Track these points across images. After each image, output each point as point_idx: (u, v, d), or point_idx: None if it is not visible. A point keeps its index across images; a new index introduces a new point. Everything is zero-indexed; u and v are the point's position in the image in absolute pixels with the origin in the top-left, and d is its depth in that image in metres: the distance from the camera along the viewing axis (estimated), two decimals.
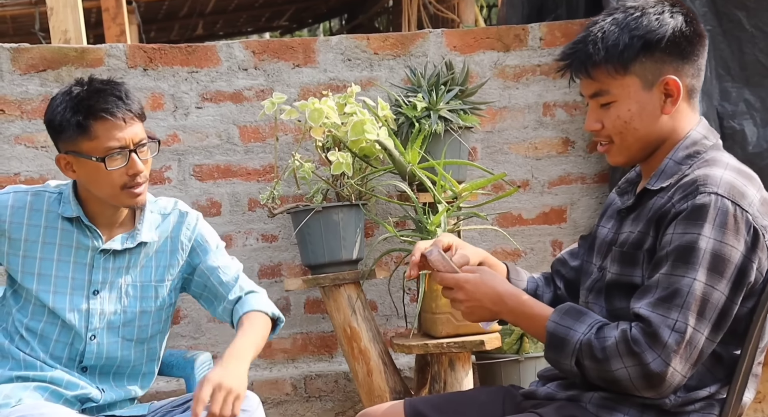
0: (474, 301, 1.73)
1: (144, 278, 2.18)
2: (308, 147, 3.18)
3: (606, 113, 1.69)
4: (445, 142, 2.93)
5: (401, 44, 3.33)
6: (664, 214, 1.61)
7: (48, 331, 2.10)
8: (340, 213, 2.87)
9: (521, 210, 3.45)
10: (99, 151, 2.01)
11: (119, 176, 2.03)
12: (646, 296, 1.58)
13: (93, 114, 2.00)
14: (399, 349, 2.80)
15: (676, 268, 1.55)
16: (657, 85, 1.66)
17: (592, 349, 1.59)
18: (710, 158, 1.66)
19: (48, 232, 2.10)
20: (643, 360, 1.54)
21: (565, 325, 1.64)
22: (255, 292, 2.24)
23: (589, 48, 1.66)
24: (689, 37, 1.66)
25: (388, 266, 3.28)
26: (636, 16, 1.66)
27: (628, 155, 1.72)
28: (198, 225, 2.25)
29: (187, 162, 3.21)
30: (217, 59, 3.22)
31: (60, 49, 3.14)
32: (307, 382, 3.31)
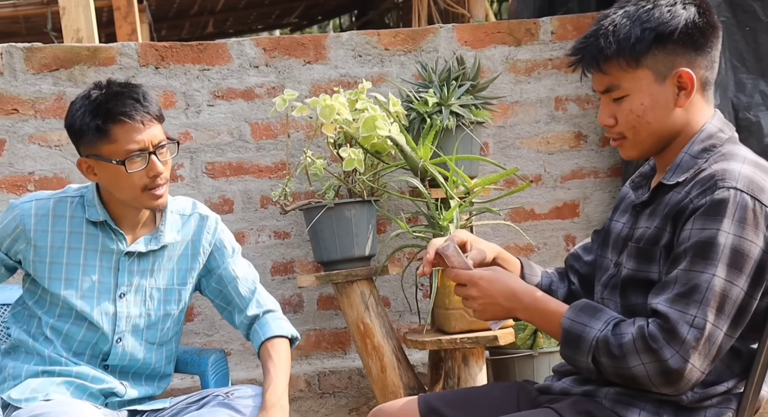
0: (487, 298, 1.72)
1: (167, 282, 2.20)
2: (320, 144, 3.18)
3: (619, 108, 1.67)
4: (457, 137, 2.92)
5: (412, 40, 3.33)
6: (681, 209, 1.60)
7: (73, 332, 2.12)
8: (352, 209, 2.87)
9: (534, 205, 3.44)
10: (119, 154, 2.02)
11: (140, 178, 2.04)
12: (664, 292, 1.56)
13: (112, 118, 2.01)
14: (412, 345, 2.80)
15: (695, 264, 1.54)
16: (670, 77, 1.64)
17: (608, 346, 1.57)
18: (727, 152, 1.64)
19: (73, 238, 2.11)
20: (661, 356, 1.52)
21: (580, 322, 1.62)
22: (272, 312, 2.28)
23: (600, 42, 1.64)
24: (702, 28, 1.64)
25: (400, 262, 3.28)
26: (647, 8, 1.64)
27: (641, 149, 1.71)
28: (218, 228, 2.28)
29: (199, 160, 3.22)
30: (228, 57, 3.22)
31: (72, 49, 3.15)
32: (321, 378, 3.32)
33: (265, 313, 2.26)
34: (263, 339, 2.21)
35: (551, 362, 2.98)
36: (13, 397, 2.04)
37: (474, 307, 1.75)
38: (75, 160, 3.11)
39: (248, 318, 2.26)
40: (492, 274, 1.73)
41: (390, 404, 1.94)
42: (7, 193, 3.09)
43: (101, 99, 2.03)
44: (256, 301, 2.27)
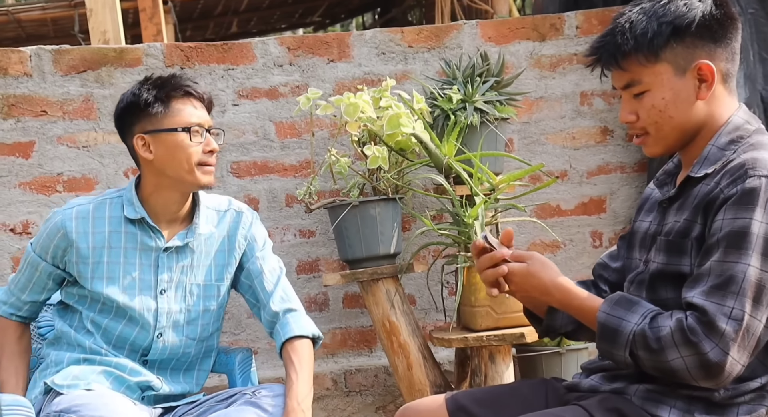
0: (523, 292, 1.74)
1: (206, 278, 2.24)
2: (344, 142, 3.19)
3: (640, 104, 1.67)
4: (482, 133, 2.91)
5: (435, 37, 3.32)
6: (712, 200, 1.58)
7: (112, 327, 2.17)
8: (377, 207, 2.87)
9: (560, 201, 3.42)
10: (183, 124, 2.13)
11: (196, 152, 2.13)
12: (699, 284, 1.54)
13: (178, 89, 2.14)
14: (438, 342, 2.80)
15: (729, 255, 1.52)
16: (690, 70, 1.63)
17: (646, 339, 1.56)
18: (755, 142, 1.62)
19: (113, 237, 2.17)
20: (701, 349, 1.50)
21: (616, 315, 1.61)
22: (294, 310, 2.28)
23: (618, 39, 1.64)
24: (720, 19, 1.63)
25: (425, 260, 3.28)
26: (663, 3, 1.63)
27: (665, 145, 1.69)
28: (253, 223, 2.32)
29: (225, 159, 3.24)
30: (252, 56, 3.24)
31: (99, 50, 3.18)
32: (347, 376, 3.32)
33: (286, 312, 2.26)
34: (284, 339, 2.21)
35: (579, 359, 2.97)
36: (57, 383, 2.10)
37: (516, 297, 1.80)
38: (103, 161, 3.15)
39: (271, 314, 2.26)
40: (524, 269, 1.71)
41: (417, 402, 1.94)
42: (36, 194, 3.13)
43: (162, 79, 2.16)
44: (279, 298, 2.27)
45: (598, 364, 1.79)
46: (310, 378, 2.16)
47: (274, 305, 2.26)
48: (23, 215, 3.12)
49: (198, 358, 2.28)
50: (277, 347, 2.24)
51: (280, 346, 2.22)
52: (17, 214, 3.12)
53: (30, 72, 3.11)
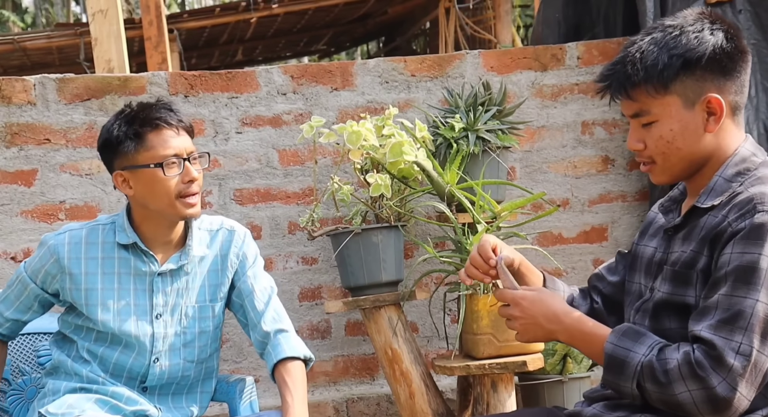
0: (529, 319, 1.71)
1: (200, 299, 2.23)
2: (347, 169, 3.20)
3: (648, 133, 1.67)
4: (484, 162, 2.92)
5: (438, 66, 3.35)
6: (719, 233, 1.58)
7: (108, 355, 2.16)
8: (380, 235, 2.87)
9: (561, 229, 3.43)
10: (156, 159, 2.08)
11: (175, 185, 2.09)
12: (706, 318, 1.54)
13: (148, 123, 2.09)
14: (441, 370, 2.78)
15: (737, 289, 1.51)
16: (699, 103, 1.63)
17: (653, 372, 1.55)
18: (762, 175, 1.62)
19: (106, 263, 2.15)
20: (709, 384, 1.49)
21: (624, 346, 1.60)
22: (285, 331, 2.25)
23: (628, 68, 1.64)
24: (731, 53, 1.63)
25: (428, 287, 3.28)
26: (675, 34, 1.63)
27: (671, 174, 1.70)
28: (245, 242, 2.30)
29: (228, 186, 3.25)
30: (256, 84, 3.26)
31: (104, 78, 3.21)
32: (349, 405, 3.31)
33: (278, 333, 2.24)
34: (276, 361, 2.19)
35: (581, 388, 2.95)
36: (51, 411, 2.09)
37: (515, 328, 1.74)
38: (106, 189, 3.16)
39: (262, 334, 2.24)
40: (536, 295, 1.72)
41: None
42: (38, 222, 3.14)
43: (135, 110, 2.12)
44: (270, 318, 2.25)
45: (600, 393, 1.78)
46: (305, 400, 2.14)
47: (265, 325, 2.24)
48: (25, 243, 3.13)
49: (198, 381, 2.26)
50: (268, 368, 2.22)
51: (272, 366, 2.20)
52: (19, 242, 3.13)
53: (34, 100, 3.14)
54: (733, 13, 3.16)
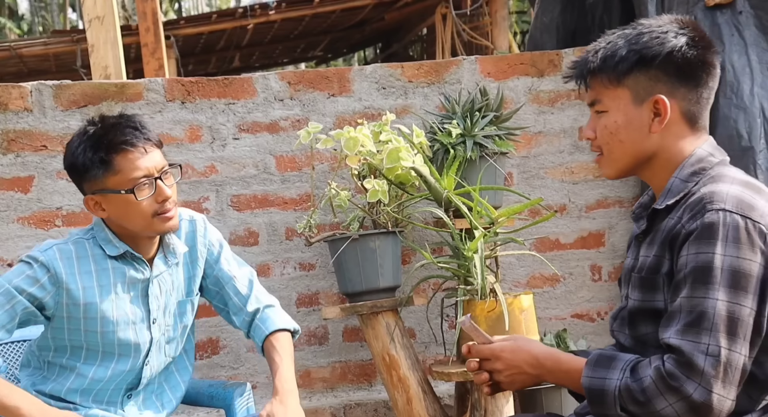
0: (514, 369, 1.71)
1: (179, 295, 2.22)
2: (344, 175, 3.20)
3: (598, 122, 1.71)
4: (481, 167, 2.92)
5: (435, 72, 3.35)
6: (675, 235, 1.59)
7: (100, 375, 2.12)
8: (377, 240, 2.87)
9: (559, 234, 3.43)
10: (125, 184, 2.02)
11: (149, 205, 2.05)
12: (672, 324, 1.54)
13: (113, 148, 2.02)
14: (438, 376, 2.78)
15: (696, 290, 1.52)
16: (647, 102, 1.65)
17: (631, 393, 1.55)
18: (716, 174, 1.63)
19: (101, 275, 2.11)
20: (685, 393, 1.49)
21: (598, 376, 1.60)
22: (272, 306, 2.28)
23: (590, 57, 1.69)
24: (691, 60, 1.64)
25: (425, 293, 3.27)
26: (641, 31, 1.67)
27: (616, 168, 1.72)
28: (207, 229, 2.29)
29: (225, 192, 3.25)
30: (253, 90, 3.26)
31: (100, 85, 3.21)
32: (347, 411, 3.30)
33: (265, 308, 2.27)
34: (267, 333, 2.21)
35: None
36: None
37: (501, 380, 1.72)
38: None
39: (249, 314, 2.26)
40: (514, 344, 1.72)
41: None
42: (35, 228, 3.13)
43: (100, 132, 2.04)
44: (255, 297, 2.27)
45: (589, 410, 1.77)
46: (293, 365, 2.17)
47: (251, 306, 2.26)
48: (21, 250, 3.12)
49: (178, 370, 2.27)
50: (258, 343, 2.23)
51: (263, 339, 2.22)
52: (15, 248, 3.12)
53: (30, 107, 3.13)
54: (733, 14, 3.16)
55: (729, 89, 3.11)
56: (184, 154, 3.22)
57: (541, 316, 3.32)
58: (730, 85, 3.11)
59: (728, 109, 3.09)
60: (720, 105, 3.11)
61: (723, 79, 3.13)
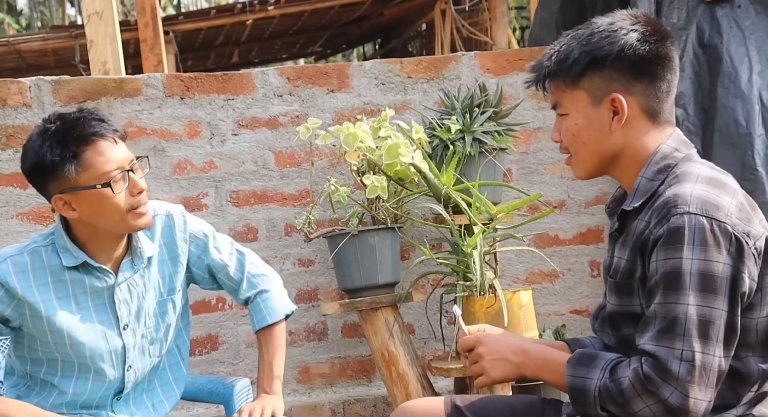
0: (496, 354, 1.71)
1: (158, 295, 2.15)
2: (343, 171, 3.20)
3: (561, 125, 1.72)
4: (480, 163, 2.92)
5: (434, 68, 3.35)
6: (645, 241, 1.59)
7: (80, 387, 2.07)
8: (376, 236, 2.87)
9: (558, 230, 3.43)
10: (99, 178, 1.94)
11: (124, 199, 1.97)
12: (648, 329, 1.55)
13: (84, 141, 1.93)
14: (437, 372, 2.78)
15: (668, 296, 1.53)
16: (605, 101, 1.65)
17: (610, 394, 1.56)
18: (680, 172, 1.63)
19: (58, 287, 2.02)
20: (661, 396, 1.51)
21: (579, 376, 1.62)
22: (264, 293, 2.25)
23: (545, 61, 1.69)
24: (644, 56, 1.64)
25: (424, 289, 3.28)
26: (592, 31, 1.66)
27: (585, 168, 1.73)
28: (186, 221, 2.19)
29: (224, 188, 3.25)
30: (252, 86, 3.26)
31: (99, 81, 3.20)
32: (346, 406, 3.30)
33: (256, 296, 2.24)
34: (257, 329, 2.22)
35: None
36: None
37: (482, 367, 1.72)
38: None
39: (242, 299, 2.26)
40: (500, 332, 1.75)
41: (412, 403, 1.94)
42: (34, 224, 3.13)
43: (64, 128, 1.94)
44: (247, 284, 2.25)
45: None
46: (281, 362, 2.18)
47: (243, 293, 2.25)
48: None
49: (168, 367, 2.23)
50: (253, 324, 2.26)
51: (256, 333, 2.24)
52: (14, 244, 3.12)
53: (29, 102, 3.13)
54: (732, 8, 3.18)
55: (727, 79, 3.13)
56: (183, 149, 3.21)
57: (540, 312, 3.32)
58: (728, 75, 3.13)
59: (726, 98, 3.11)
60: (718, 95, 3.13)
61: (721, 69, 3.14)
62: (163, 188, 3.21)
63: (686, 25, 3.22)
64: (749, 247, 1.54)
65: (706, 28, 3.22)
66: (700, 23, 3.22)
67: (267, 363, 2.18)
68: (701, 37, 3.22)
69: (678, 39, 3.23)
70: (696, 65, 3.21)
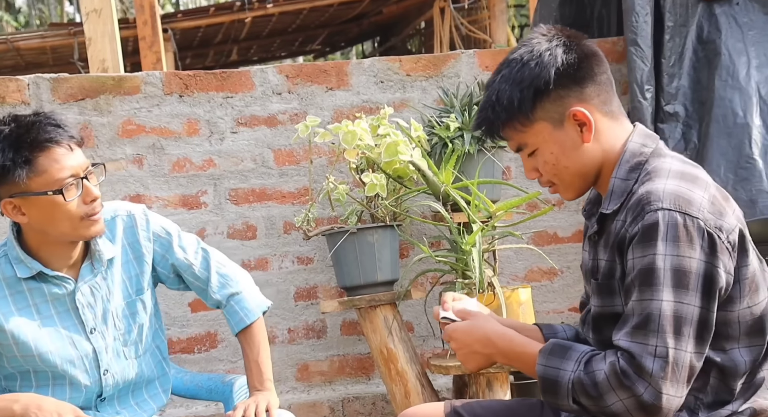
0: (466, 348, 1.72)
1: (125, 295, 2.11)
2: (342, 169, 3.20)
3: (536, 161, 1.71)
4: (479, 161, 2.93)
5: (433, 65, 3.35)
6: (621, 240, 1.60)
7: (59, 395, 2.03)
8: (375, 234, 2.87)
9: (557, 228, 3.43)
10: (52, 184, 1.90)
11: (77, 207, 1.93)
12: (624, 326, 1.56)
13: (38, 146, 1.89)
14: (436, 370, 2.79)
15: (644, 293, 1.53)
16: (567, 120, 1.65)
17: (584, 387, 1.56)
18: (652, 169, 1.63)
19: (17, 298, 1.99)
20: (635, 392, 1.51)
21: (552, 366, 1.61)
22: (235, 295, 2.21)
23: (489, 113, 1.68)
24: (575, 64, 1.65)
25: (423, 287, 3.28)
26: (518, 68, 1.65)
27: (574, 190, 1.73)
28: (149, 221, 2.16)
29: (223, 186, 3.25)
30: (251, 84, 3.26)
31: (98, 78, 3.20)
32: (345, 404, 3.31)
33: (229, 299, 2.20)
34: (236, 331, 2.20)
35: None
36: None
37: (459, 359, 1.75)
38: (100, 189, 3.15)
39: (213, 302, 2.21)
40: (468, 324, 1.73)
41: (415, 409, 1.95)
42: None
43: (19, 132, 1.90)
44: (216, 284, 2.20)
45: None
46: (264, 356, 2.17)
47: (214, 294, 2.20)
48: None
49: (152, 367, 2.19)
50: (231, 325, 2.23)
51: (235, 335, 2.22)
52: None
53: (28, 100, 3.13)
54: (730, 5, 3.20)
55: (725, 72, 3.15)
56: (182, 147, 3.21)
57: (538, 310, 3.32)
58: (726, 68, 3.15)
59: (724, 90, 3.13)
60: (716, 87, 3.15)
61: (719, 63, 3.16)
62: (162, 186, 3.21)
63: (685, 22, 3.24)
64: (722, 241, 1.54)
65: (705, 25, 3.23)
66: (699, 21, 3.23)
67: (253, 362, 2.16)
68: (700, 34, 3.23)
69: (679, 36, 3.24)
70: (695, 61, 3.22)
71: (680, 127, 3.20)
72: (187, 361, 3.22)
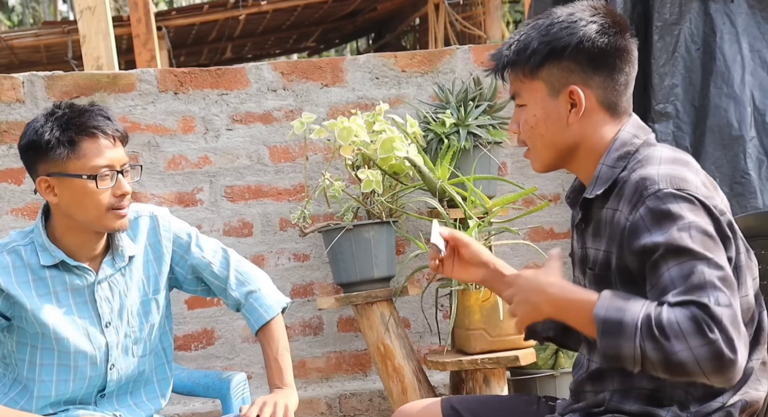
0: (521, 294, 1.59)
1: (142, 294, 2.14)
2: (338, 165, 3.20)
3: (520, 116, 1.70)
4: (475, 157, 2.93)
5: (429, 61, 3.35)
6: (621, 230, 1.56)
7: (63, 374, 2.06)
8: (371, 231, 2.87)
9: (553, 224, 3.43)
10: (88, 170, 1.96)
11: (106, 197, 1.98)
12: (670, 290, 1.45)
13: (84, 131, 1.96)
14: (433, 366, 2.79)
15: (681, 262, 1.45)
16: (563, 93, 1.63)
17: (652, 328, 1.40)
18: (642, 157, 1.61)
19: (39, 285, 2.02)
20: (712, 339, 1.38)
21: (616, 306, 1.46)
22: (254, 293, 2.23)
23: (505, 50, 1.67)
24: (603, 48, 1.62)
25: (420, 283, 3.28)
26: (552, 22, 1.64)
27: (541, 161, 1.70)
28: (171, 222, 2.20)
29: (219, 183, 3.24)
30: (246, 81, 3.25)
31: (93, 76, 3.20)
32: (342, 400, 3.31)
33: (248, 297, 2.22)
34: (256, 329, 2.21)
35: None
36: None
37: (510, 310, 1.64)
38: None
39: (233, 300, 2.23)
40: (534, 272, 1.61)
41: (412, 404, 1.94)
42: (29, 219, 3.13)
43: (70, 115, 1.98)
44: (235, 281, 2.22)
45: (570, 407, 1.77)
46: (284, 352, 2.18)
47: (233, 292, 2.22)
48: None
49: (153, 369, 2.20)
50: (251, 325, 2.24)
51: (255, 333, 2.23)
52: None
53: (23, 98, 3.12)
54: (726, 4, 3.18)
55: (720, 79, 3.12)
56: (177, 145, 3.21)
57: None
58: (721, 74, 3.12)
59: (719, 98, 3.10)
60: (711, 95, 3.12)
61: (714, 68, 3.14)
62: (158, 184, 3.20)
63: (679, 20, 3.21)
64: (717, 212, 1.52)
65: (700, 23, 3.21)
66: (693, 19, 3.21)
67: (273, 359, 2.16)
68: (694, 33, 3.21)
69: (670, 34, 3.21)
70: (688, 61, 3.20)
71: (671, 127, 3.19)
72: (185, 358, 3.22)
